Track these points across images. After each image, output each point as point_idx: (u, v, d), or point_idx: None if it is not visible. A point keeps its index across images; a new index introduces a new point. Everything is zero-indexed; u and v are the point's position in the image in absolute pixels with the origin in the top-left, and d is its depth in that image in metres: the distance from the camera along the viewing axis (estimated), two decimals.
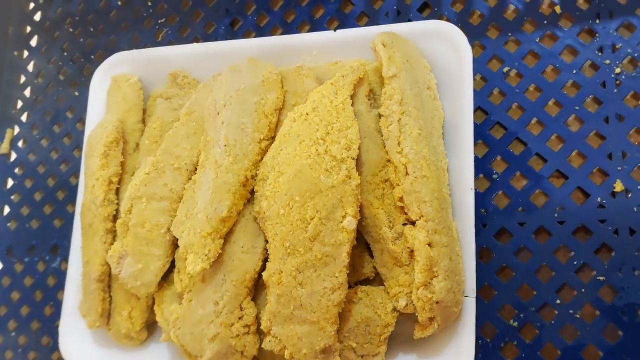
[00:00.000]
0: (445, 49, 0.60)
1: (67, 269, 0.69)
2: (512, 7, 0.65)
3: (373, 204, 0.57)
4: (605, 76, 0.60)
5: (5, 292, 0.80)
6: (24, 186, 0.83)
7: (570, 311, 0.56)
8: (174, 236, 0.61)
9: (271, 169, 0.58)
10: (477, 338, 0.54)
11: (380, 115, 0.58)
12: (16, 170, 0.84)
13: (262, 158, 0.60)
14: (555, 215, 0.59)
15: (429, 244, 0.52)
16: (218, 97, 0.62)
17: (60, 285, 0.76)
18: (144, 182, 0.61)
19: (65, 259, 0.77)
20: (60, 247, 0.78)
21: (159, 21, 0.81)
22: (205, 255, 0.56)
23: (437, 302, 0.52)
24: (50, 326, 0.76)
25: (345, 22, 0.72)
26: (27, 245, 0.80)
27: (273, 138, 0.61)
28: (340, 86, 0.59)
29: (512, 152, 0.61)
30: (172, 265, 0.63)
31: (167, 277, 0.64)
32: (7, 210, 0.83)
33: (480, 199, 0.61)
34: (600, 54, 0.61)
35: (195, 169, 0.62)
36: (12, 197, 0.83)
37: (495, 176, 0.61)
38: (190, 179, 0.62)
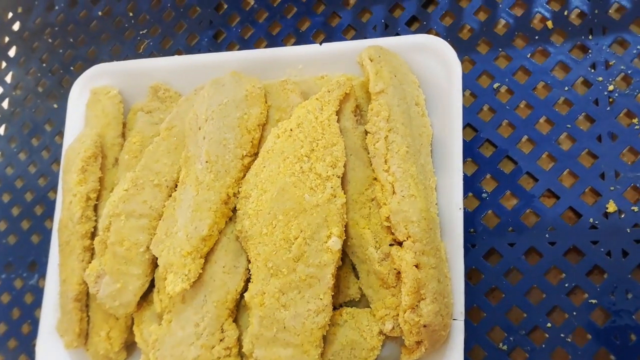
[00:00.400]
0: (434, 63, 0.59)
1: (45, 287, 0.67)
2: (502, 21, 0.64)
3: (359, 223, 0.55)
4: (598, 93, 0.59)
5: None
6: (1, 200, 0.80)
7: (562, 335, 0.55)
8: (154, 255, 0.59)
9: (254, 186, 0.56)
10: None
11: (366, 132, 0.57)
12: None
13: (244, 175, 0.58)
14: (547, 235, 0.57)
15: (417, 266, 0.50)
16: (200, 111, 0.60)
17: (38, 303, 0.74)
18: (123, 199, 0.59)
19: (43, 275, 0.74)
20: (38, 264, 0.76)
21: (141, 32, 0.79)
22: (185, 275, 0.54)
23: (424, 326, 0.50)
24: (28, 345, 0.74)
25: (331, 35, 0.70)
26: (3, 262, 0.78)
27: (256, 154, 0.59)
28: (326, 102, 0.57)
29: (502, 171, 0.60)
30: (152, 284, 0.61)
31: (146, 296, 0.61)
32: None
33: (470, 219, 0.59)
34: (593, 70, 0.59)
35: (176, 186, 0.60)
36: None
37: (484, 195, 0.60)
38: (170, 195, 0.60)
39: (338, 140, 0.55)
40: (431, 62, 0.59)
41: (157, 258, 0.58)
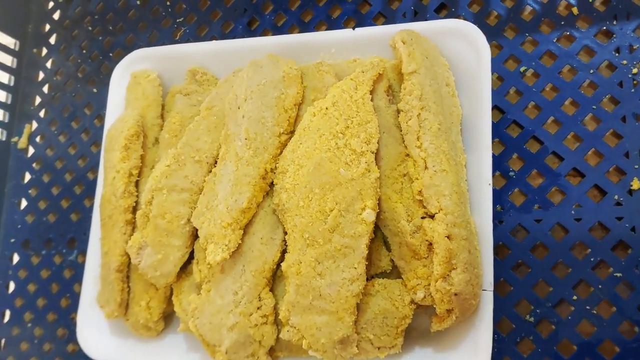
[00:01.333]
0: (464, 47, 0.61)
1: (85, 261, 0.70)
2: (529, 8, 0.66)
3: (391, 197, 0.57)
4: (622, 76, 0.61)
5: (21, 284, 0.80)
6: (41, 180, 0.84)
7: (587, 307, 0.57)
8: (194, 227, 0.61)
9: (291, 162, 0.59)
10: (493, 333, 0.54)
11: (399, 111, 0.59)
12: (34, 164, 0.85)
13: (281, 151, 0.61)
14: (572, 212, 0.59)
15: (448, 237, 0.53)
16: (239, 91, 0.63)
17: (76, 278, 0.77)
18: (165, 174, 0.62)
19: (81, 252, 0.78)
20: (77, 241, 0.79)
21: (177, 20, 0.82)
22: (226, 245, 0.57)
23: (455, 294, 0.52)
24: (66, 318, 0.77)
25: (362, 22, 0.73)
26: (44, 239, 0.81)
27: (292, 132, 0.62)
28: (360, 81, 0.59)
29: (529, 150, 0.62)
30: (191, 256, 0.63)
31: (185, 268, 0.64)
32: (24, 204, 0.84)
33: (497, 196, 0.62)
34: (617, 54, 0.61)
35: (216, 162, 0.63)
36: (30, 191, 0.84)
37: (511, 174, 0.62)
38: (210, 171, 0.63)
39: (372, 118, 0.57)
40: (461, 46, 0.61)
41: (196, 230, 0.61)
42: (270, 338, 0.58)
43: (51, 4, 0.91)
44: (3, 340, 0.79)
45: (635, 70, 0.60)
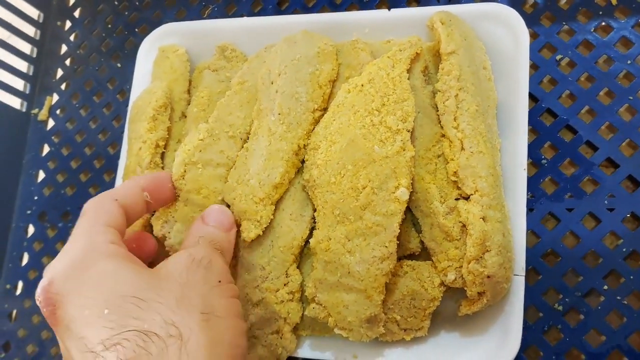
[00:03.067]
0: (502, 31, 0.61)
1: None
2: None
3: (425, 178, 0.56)
4: None
5: (36, 256, 0.79)
6: (60, 153, 0.83)
7: (618, 297, 0.56)
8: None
9: (323, 138, 0.58)
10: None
11: (435, 92, 0.58)
12: (53, 137, 0.84)
13: (314, 128, 0.60)
14: (605, 202, 0.59)
15: (483, 219, 0.52)
16: (272, 66, 0.62)
17: None
18: (199, 148, 0.60)
19: None
20: None
21: None
22: (258, 221, 0.56)
23: (488, 277, 0.51)
24: None
25: (394, 6, 0.72)
26: (61, 211, 0.80)
27: (326, 109, 0.61)
28: (398, 60, 0.59)
29: (562, 139, 0.61)
30: None
31: None
32: (42, 176, 0.83)
33: (528, 184, 0.60)
34: None
35: (248, 138, 0.62)
36: (48, 163, 0.83)
37: (544, 162, 0.61)
38: (242, 147, 0.62)
39: (409, 96, 0.57)
40: (498, 30, 0.61)
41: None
42: (296, 315, 0.57)
43: None
44: (15, 312, 0.78)
45: None
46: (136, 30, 0.84)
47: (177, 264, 0.47)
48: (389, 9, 0.65)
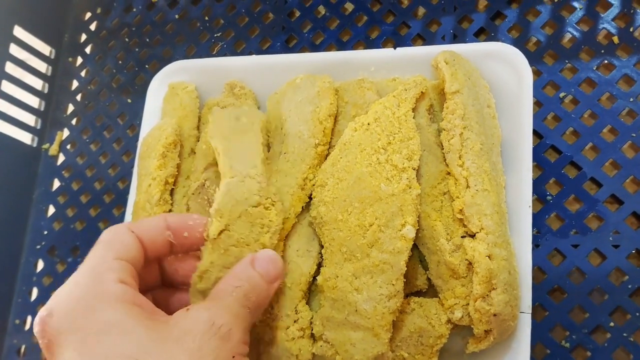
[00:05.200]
0: (505, 70, 0.62)
1: None
2: (569, 35, 0.67)
3: (431, 215, 0.57)
4: None
5: (45, 291, 0.80)
6: (70, 188, 0.84)
7: (624, 334, 0.56)
8: None
9: (330, 175, 0.59)
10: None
11: (440, 130, 0.59)
12: (63, 172, 0.86)
13: (319, 162, 0.61)
14: (610, 238, 0.59)
15: (489, 257, 0.52)
16: (281, 113, 0.64)
17: None
18: None
19: None
20: None
21: (215, 35, 0.84)
22: None
23: (494, 315, 0.52)
24: None
25: (400, 44, 0.74)
26: (70, 246, 0.81)
27: (329, 144, 0.62)
28: (403, 99, 0.60)
29: (567, 175, 0.62)
30: None
31: None
32: (52, 210, 0.84)
33: (534, 220, 0.61)
34: None
35: None
36: (58, 198, 0.84)
37: (549, 198, 0.62)
38: None
39: (414, 135, 0.58)
40: (502, 69, 0.62)
41: None
42: (307, 352, 0.57)
43: (88, 15, 0.93)
44: (24, 347, 0.79)
45: None
46: (146, 66, 0.86)
47: (195, 324, 0.42)
48: (395, 48, 0.66)
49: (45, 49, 0.91)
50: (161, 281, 0.56)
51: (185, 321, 0.43)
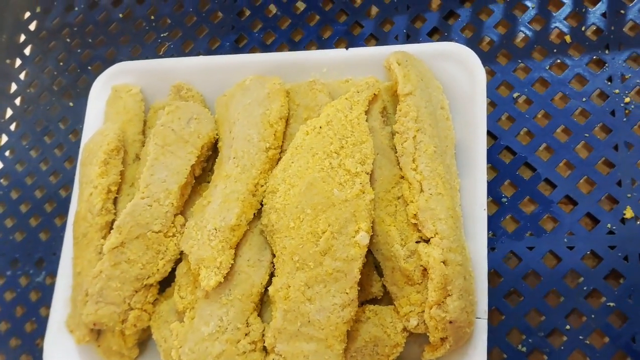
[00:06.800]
0: (458, 71, 0.60)
1: (55, 283, 0.66)
2: (522, 34, 0.66)
3: (385, 220, 0.55)
4: (614, 105, 0.61)
5: None
6: (9, 197, 0.80)
7: (580, 337, 0.56)
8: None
9: (282, 181, 0.57)
10: None
11: (393, 133, 0.58)
12: (2, 180, 0.81)
13: (270, 167, 0.59)
14: (565, 240, 0.58)
15: (444, 262, 0.51)
16: (230, 116, 0.62)
17: (43, 301, 0.73)
18: None
19: (50, 273, 0.74)
20: (45, 261, 0.75)
21: (162, 35, 0.80)
22: (217, 268, 0.54)
23: (450, 322, 0.50)
24: (31, 343, 0.72)
25: (353, 44, 0.72)
26: (9, 259, 0.77)
27: (280, 148, 0.60)
28: (355, 101, 0.58)
29: (522, 177, 0.61)
30: (170, 278, 0.60)
31: (164, 290, 0.61)
32: None
33: (489, 222, 0.60)
34: (609, 83, 0.61)
35: None
36: None
37: (504, 200, 0.61)
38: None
39: (367, 138, 0.56)
40: (455, 69, 0.61)
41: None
42: None
43: (27, 14, 0.88)
44: None
45: (627, 100, 0.60)
46: (89, 68, 0.82)
47: None
48: (347, 48, 0.64)
49: None
50: None
51: None
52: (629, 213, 0.57)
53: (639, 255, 0.56)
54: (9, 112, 0.85)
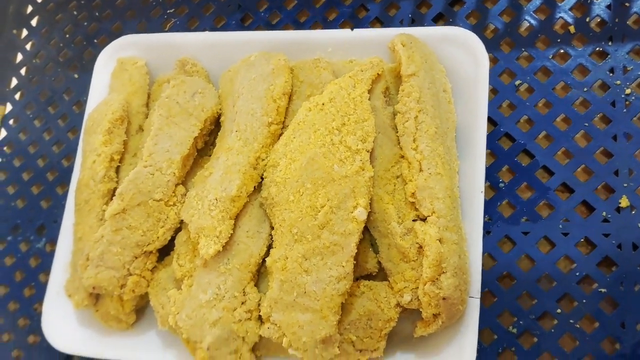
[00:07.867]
0: (462, 55, 0.61)
1: (56, 248, 0.66)
2: (526, 23, 0.67)
3: (383, 198, 0.56)
4: (615, 96, 0.61)
5: None
6: (12, 165, 0.80)
7: (571, 321, 0.56)
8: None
9: (283, 155, 0.57)
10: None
11: (395, 113, 0.58)
12: (5, 148, 0.82)
13: (271, 142, 0.60)
14: (560, 226, 0.59)
15: (439, 240, 0.52)
16: (234, 90, 0.62)
17: (43, 267, 0.74)
18: None
19: (50, 240, 0.74)
20: (46, 228, 0.76)
21: (168, 11, 0.81)
22: (217, 237, 0.55)
23: (443, 299, 0.51)
24: (29, 308, 0.73)
25: (358, 26, 0.72)
26: (10, 224, 0.77)
27: (282, 123, 0.61)
28: (359, 80, 0.59)
29: (520, 163, 0.62)
30: (169, 248, 0.61)
31: (162, 259, 0.62)
32: None
33: (485, 207, 0.61)
34: (611, 74, 0.62)
35: None
36: None
37: (501, 185, 0.62)
38: None
39: (369, 117, 0.57)
40: (459, 54, 0.61)
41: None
42: (255, 334, 0.55)
43: None
44: None
45: (628, 91, 0.61)
46: (95, 41, 0.83)
47: None
48: (352, 29, 0.65)
49: None
50: None
51: None
52: (624, 202, 0.58)
53: (633, 244, 0.57)
54: (14, 82, 0.85)
